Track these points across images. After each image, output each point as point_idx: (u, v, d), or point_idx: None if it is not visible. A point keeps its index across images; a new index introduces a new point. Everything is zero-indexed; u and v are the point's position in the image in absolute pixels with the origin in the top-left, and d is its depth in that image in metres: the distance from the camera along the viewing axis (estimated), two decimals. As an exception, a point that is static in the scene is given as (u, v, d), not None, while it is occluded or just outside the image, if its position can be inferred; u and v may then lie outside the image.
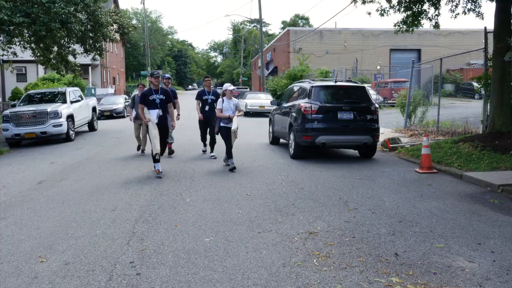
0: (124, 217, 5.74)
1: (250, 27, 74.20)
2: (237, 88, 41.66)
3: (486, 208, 5.92)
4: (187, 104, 24.40)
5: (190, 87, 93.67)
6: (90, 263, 4.22)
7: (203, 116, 10.34)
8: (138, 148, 11.31)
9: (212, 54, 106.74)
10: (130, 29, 20.80)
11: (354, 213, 5.74)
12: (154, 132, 8.09)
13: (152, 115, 8.20)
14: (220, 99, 8.99)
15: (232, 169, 8.61)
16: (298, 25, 71.20)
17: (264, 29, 71.85)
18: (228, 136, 8.79)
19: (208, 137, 10.58)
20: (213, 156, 10.24)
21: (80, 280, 3.86)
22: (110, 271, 4.02)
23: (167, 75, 11.06)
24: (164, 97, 8.37)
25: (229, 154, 8.85)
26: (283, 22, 79.87)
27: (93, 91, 31.47)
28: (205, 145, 10.87)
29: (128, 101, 28.73)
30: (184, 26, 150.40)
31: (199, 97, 10.48)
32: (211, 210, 5.96)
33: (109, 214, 5.89)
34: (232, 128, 8.63)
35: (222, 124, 8.88)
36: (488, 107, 10.48)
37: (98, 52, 18.63)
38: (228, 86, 9.04)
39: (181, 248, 4.59)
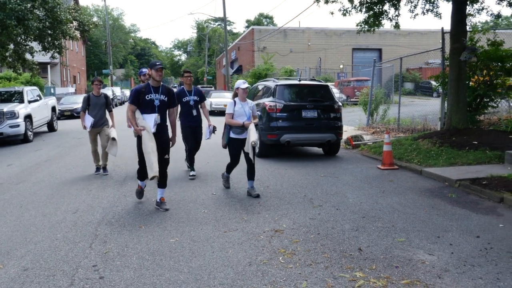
0: (86, 219, 5.59)
1: (214, 26, 73.90)
2: (201, 87, 41.44)
3: (445, 202, 6.13)
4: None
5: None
6: (50, 268, 4.09)
7: (190, 123, 8.00)
8: (98, 170, 8.59)
9: (176, 52, 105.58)
10: (91, 26, 20.29)
11: (319, 210, 5.82)
12: (150, 145, 5.75)
13: (148, 121, 5.85)
14: (230, 101, 6.89)
15: (227, 187, 7.06)
16: (263, 24, 71.51)
17: (228, 27, 71.71)
18: (238, 152, 6.86)
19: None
20: (193, 176, 8.01)
21: (40, 286, 3.73)
22: (72, 276, 3.91)
23: (145, 70, 8.07)
24: (166, 98, 5.99)
25: (229, 170, 7.11)
26: (248, 21, 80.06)
27: (52, 90, 30.50)
28: (193, 168, 8.16)
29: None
30: (147, 24, 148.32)
31: (178, 98, 7.65)
32: (176, 210, 5.90)
33: (70, 217, 5.73)
34: (251, 140, 6.44)
35: (233, 135, 6.74)
36: (446, 105, 10.85)
37: (57, 50, 18.08)
38: (240, 83, 6.87)
39: (145, 249, 4.52)
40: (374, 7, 11.46)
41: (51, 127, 17.44)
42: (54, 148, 12.53)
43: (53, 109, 17.84)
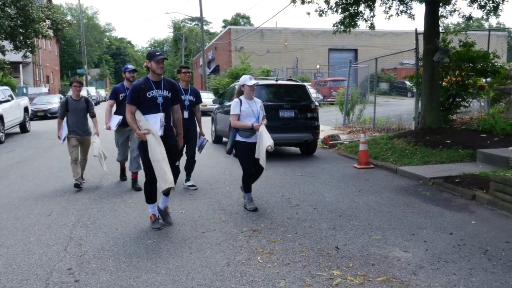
0: (61, 222, 5.48)
1: (191, 25, 73.45)
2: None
3: (419, 200, 6.25)
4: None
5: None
6: (23, 272, 3.99)
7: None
8: (78, 186, 7.16)
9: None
10: (65, 25, 19.95)
11: (297, 209, 5.86)
12: (158, 150, 4.81)
13: (153, 123, 4.94)
14: (235, 100, 5.87)
15: (254, 210, 5.77)
16: (239, 24, 71.43)
17: (205, 27, 71.35)
18: (248, 157, 5.81)
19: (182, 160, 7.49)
20: (193, 186, 7.18)
21: (12, 291, 3.64)
22: (46, 280, 3.83)
23: (132, 66, 7.47)
24: (169, 94, 5.11)
25: (246, 186, 5.97)
26: (225, 21, 79.84)
27: (25, 90, 29.81)
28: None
29: (64, 101, 27.40)
30: (123, 23, 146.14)
31: None
32: (153, 212, 5.83)
33: (44, 219, 5.61)
34: (267, 144, 5.47)
35: (239, 139, 5.80)
36: (420, 104, 11.06)
37: (30, 49, 17.70)
38: (246, 79, 5.92)
39: (122, 251, 4.46)
40: (350, 8, 11.58)
41: (23, 128, 17.04)
42: (27, 150, 12.24)
43: (26, 109, 17.44)
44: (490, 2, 10.48)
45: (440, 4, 10.58)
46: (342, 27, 11.88)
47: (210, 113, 17.27)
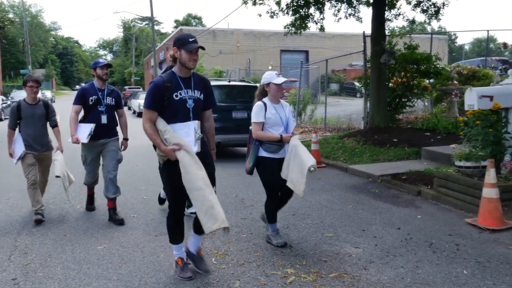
0: (4, 230, 5.22)
1: (142, 25, 72.04)
2: (129, 88, 40.23)
3: (369, 197, 6.45)
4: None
5: (78, 86, 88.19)
6: (-37, 285, 3.77)
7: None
8: (39, 221, 5.44)
9: (102, 52, 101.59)
10: (6, 23, 19.02)
11: (250, 209, 5.88)
12: (198, 174, 3.48)
13: (184, 134, 3.60)
14: (258, 104, 4.52)
15: (282, 245, 4.47)
16: (191, 25, 70.90)
17: (156, 27, 70.21)
18: (275, 176, 4.53)
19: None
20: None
21: (-49, 305, 3.43)
22: (-12, 291, 3.64)
23: (104, 61, 5.72)
24: (201, 96, 3.80)
25: (271, 215, 4.62)
26: (176, 21, 78.95)
27: (-38, 92, 28.14)
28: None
29: (6, 102, 25.86)
30: (69, 22, 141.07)
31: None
32: (104, 216, 5.68)
33: (-14, 228, 5.32)
34: (309, 164, 4.14)
35: (264, 154, 4.52)
36: (368, 104, 11.41)
37: (-33, 48, 16.70)
38: (273, 76, 4.52)
39: (71, 259, 4.30)
40: (300, 10, 11.76)
41: (-39, 132, 16.06)
42: (-34, 155, 11.54)
43: (-36, 112, 16.45)
44: (432, 7, 11.00)
45: (386, 7, 10.97)
46: (293, 29, 12.05)
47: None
